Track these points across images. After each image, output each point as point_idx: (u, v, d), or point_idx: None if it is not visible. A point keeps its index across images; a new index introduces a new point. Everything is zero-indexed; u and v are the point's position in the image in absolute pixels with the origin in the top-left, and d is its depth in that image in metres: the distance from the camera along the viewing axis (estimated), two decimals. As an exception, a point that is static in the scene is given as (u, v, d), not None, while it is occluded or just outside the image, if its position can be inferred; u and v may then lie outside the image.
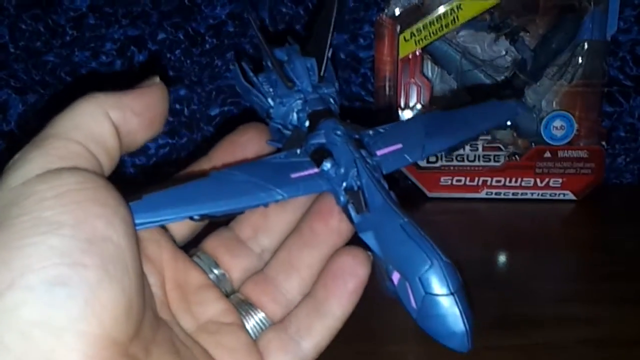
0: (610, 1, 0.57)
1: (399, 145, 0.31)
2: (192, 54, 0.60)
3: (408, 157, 0.31)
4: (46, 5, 0.58)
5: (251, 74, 0.34)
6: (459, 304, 0.25)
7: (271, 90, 0.33)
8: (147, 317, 0.25)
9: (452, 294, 0.25)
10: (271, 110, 0.33)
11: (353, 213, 0.29)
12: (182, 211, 0.27)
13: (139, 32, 0.60)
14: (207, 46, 0.60)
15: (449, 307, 0.25)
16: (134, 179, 0.61)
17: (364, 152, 0.30)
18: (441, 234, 0.26)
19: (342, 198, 0.29)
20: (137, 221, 0.26)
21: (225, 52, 0.60)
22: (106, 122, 0.25)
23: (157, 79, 0.28)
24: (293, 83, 0.33)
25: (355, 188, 0.29)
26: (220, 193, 0.28)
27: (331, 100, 0.33)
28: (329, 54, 0.34)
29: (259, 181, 0.28)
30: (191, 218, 0.27)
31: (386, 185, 0.29)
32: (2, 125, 0.60)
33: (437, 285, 0.25)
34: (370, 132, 0.32)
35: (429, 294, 0.25)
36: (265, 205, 0.28)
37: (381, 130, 0.32)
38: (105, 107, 0.26)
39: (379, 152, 0.31)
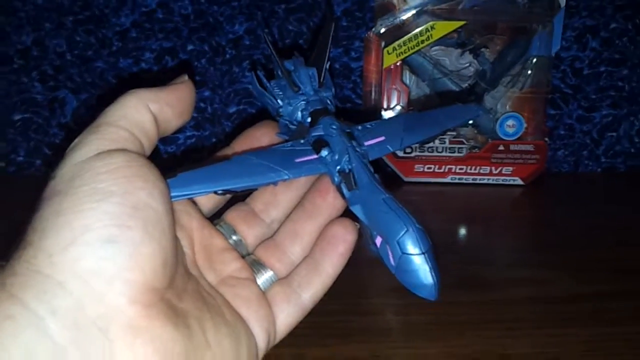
0: (554, 24, 0.57)
1: (382, 138, 0.32)
2: (215, 62, 0.60)
3: (389, 147, 0.32)
4: (97, 21, 0.58)
5: (264, 80, 0.34)
6: (429, 262, 0.25)
7: (280, 93, 0.34)
8: (179, 271, 0.25)
9: (423, 253, 0.25)
10: (280, 109, 0.33)
11: (345, 190, 0.29)
12: (209, 187, 0.27)
13: (172, 44, 0.59)
14: (227, 56, 0.60)
15: (420, 264, 0.25)
16: (166, 163, 0.61)
17: (354, 143, 0.30)
18: (415, 210, 0.26)
19: (336, 178, 0.29)
20: (173, 194, 0.26)
21: (242, 61, 0.60)
22: (146, 112, 0.26)
23: (186, 77, 0.28)
24: (298, 88, 0.33)
25: (347, 170, 0.29)
26: (239, 173, 0.28)
27: (328, 101, 0.33)
28: (327, 65, 0.34)
29: (270, 164, 0.29)
30: (216, 192, 0.28)
31: (371, 169, 0.29)
32: (60, 119, 0.60)
33: (411, 247, 0.25)
34: (359, 127, 0.32)
35: (405, 253, 0.25)
36: (275, 183, 0.29)
37: (368, 126, 0.32)
38: (145, 100, 0.26)
39: (366, 143, 0.31)
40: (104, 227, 0.22)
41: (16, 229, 0.23)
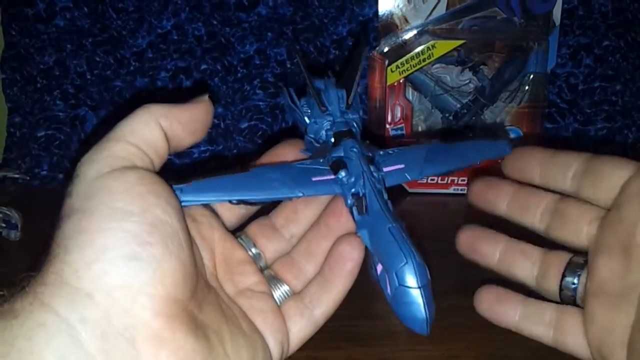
0: (550, 42, 0.58)
1: (402, 166, 0.31)
2: (227, 81, 0.61)
3: (407, 176, 0.31)
4: (115, 43, 0.59)
5: (295, 96, 0.34)
6: (424, 297, 0.25)
7: (309, 111, 0.33)
8: (199, 283, 0.25)
9: (419, 287, 0.25)
10: (307, 127, 0.33)
11: (355, 214, 0.29)
12: (223, 195, 0.27)
13: (186, 64, 0.60)
14: (239, 75, 0.61)
15: (415, 298, 0.25)
16: (180, 174, 0.62)
17: (372, 168, 0.29)
18: (419, 220, 0.27)
19: (349, 201, 0.29)
20: (186, 199, 0.26)
21: (252, 80, 0.61)
22: (156, 128, 0.26)
23: (206, 97, 0.28)
24: (326, 108, 0.33)
25: (361, 194, 0.28)
26: (254, 185, 0.28)
27: (354, 124, 0.33)
28: (357, 89, 0.34)
29: (285, 180, 0.29)
30: (230, 202, 0.28)
31: (386, 196, 0.29)
32: (81, 135, 0.61)
33: (409, 279, 0.25)
34: (381, 152, 0.32)
35: (401, 285, 0.25)
36: (288, 199, 0.29)
37: (390, 152, 0.32)
38: (157, 116, 0.26)
39: (385, 169, 0.30)
40: (127, 245, 0.22)
41: (42, 239, 0.23)
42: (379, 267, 0.27)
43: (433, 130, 0.60)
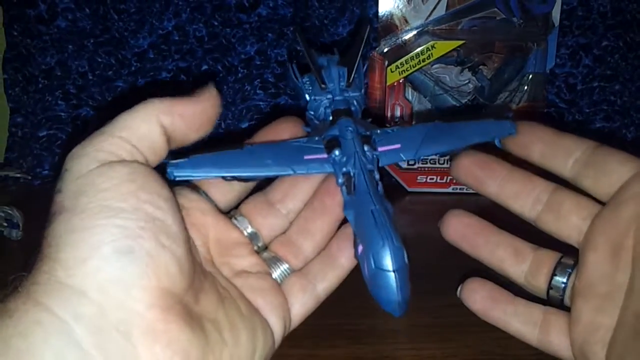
0: (549, 43, 0.58)
1: (398, 145, 0.30)
2: (228, 81, 0.61)
3: (402, 156, 0.30)
4: (116, 43, 0.59)
5: (297, 73, 0.34)
6: (398, 280, 0.25)
7: (310, 88, 0.33)
8: (196, 272, 0.25)
9: (394, 271, 0.25)
10: (307, 104, 0.33)
11: (344, 193, 0.29)
12: (217, 171, 0.28)
13: (187, 64, 0.60)
14: (239, 75, 0.61)
15: (389, 281, 0.25)
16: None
17: (367, 147, 0.29)
18: (418, 219, 0.27)
19: (340, 180, 0.29)
20: (183, 174, 0.26)
21: (253, 80, 0.61)
22: (155, 124, 0.25)
23: (212, 87, 0.27)
24: (326, 85, 0.32)
25: (351, 174, 0.28)
26: (247, 162, 0.28)
27: (354, 102, 0.32)
28: (359, 66, 0.33)
29: (278, 157, 0.29)
30: (223, 177, 0.28)
31: (377, 176, 0.29)
32: (84, 135, 0.61)
33: (384, 262, 0.25)
34: (378, 131, 0.31)
35: (377, 267, 0.25)
36: (280, 176, 0.29)
37: (389, 131, 0.31)
38: (157, 111, 0.25)
39: (380, 148, 0.30)
40: (118, 239, 0.22)
41: (42, 238, 0.23)
42: (360, 248, 0.27)
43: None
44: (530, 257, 0.30)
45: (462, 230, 0.31)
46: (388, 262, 0.25)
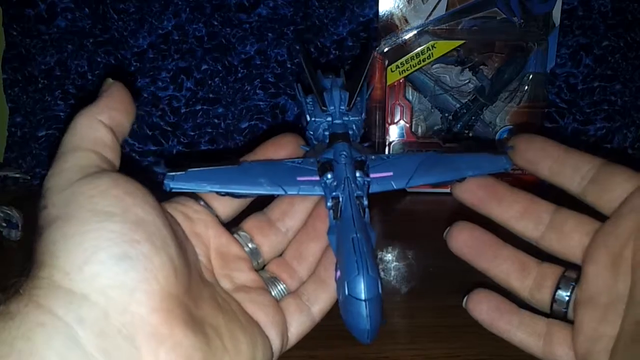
0: (549, 42, 0.57)
1: (390, 173, 0.30)
2: (228, 81, 0.61)
3: (393, 184, 0.30)
4: (116, 43, 0.59)
5: (301, 93, 0.34)
6: (368, 309, 0.25)
7: (312, 109, 0.33)
8: (194, 277, 0.25)
9: (365, 300, 0.25)
10: (307, 124, 0.33)
11: (331, 217, 0.29)
12: (212, 186, 0.28)
13: (187, 64, 0.60)
14: (239, 75, 0.61)
15: (360, 309, 0.25)
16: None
17: (359, 173, 0.29)
18: (418, 219, 0.26)
19: (328, 204, 0.29)
20: (178, 186, 0.27)
21: (253, 80, 0.61)
22: (100, 126, 0.26)
23: (110, 80, 0.28)
24: (326, 107, 0.33)
25: (339, 199, 0.28)
26: (241, 179, 0.29)
27: (353, 126, 0.33)
28: (362, 90, 0.34)
29: (272, 177, 0.29)
30: (218, 193, 0.28)
31: (366, 203, 0.29)
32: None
33: (357, 291, 0.25)
34: (373, 156, 0.31)
35: (349, 295, 0.25)
36: (270, 196, 0.29)
37: (384, 157, 0.31)
38: (95, 115, 0.26)
39: (372, 175, 0.30)
40: (115, 245, 0.22)
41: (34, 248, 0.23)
42: (337, 273, 0.27)
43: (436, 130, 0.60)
44: (534, 271, 0.31)
45: (468, 243, 0.31)
46: (360, 291, 0.25)
